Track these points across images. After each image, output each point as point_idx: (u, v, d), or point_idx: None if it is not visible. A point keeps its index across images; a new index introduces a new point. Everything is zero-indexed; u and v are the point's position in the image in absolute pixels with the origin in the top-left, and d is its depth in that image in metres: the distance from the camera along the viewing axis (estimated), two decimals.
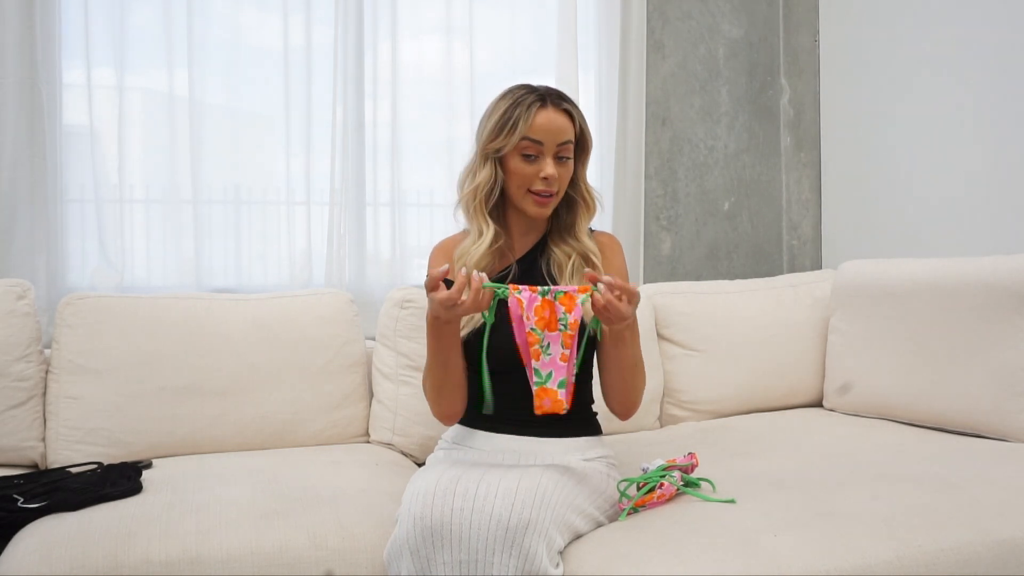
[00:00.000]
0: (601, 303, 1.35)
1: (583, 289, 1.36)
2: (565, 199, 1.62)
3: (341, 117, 2.34)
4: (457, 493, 1.27)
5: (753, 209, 2.87)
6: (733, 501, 1.44)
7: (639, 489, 1.48)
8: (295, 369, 1.98)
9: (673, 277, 2.75)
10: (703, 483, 1.53)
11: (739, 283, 2.46)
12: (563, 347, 1.35)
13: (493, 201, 1.58)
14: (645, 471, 1.52)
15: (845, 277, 2.30)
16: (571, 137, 1.56)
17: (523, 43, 2.58)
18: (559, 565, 1.29)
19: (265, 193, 2.36)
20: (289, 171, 2.35)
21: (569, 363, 1.35)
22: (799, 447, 1.89)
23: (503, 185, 1.58)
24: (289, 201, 2.37)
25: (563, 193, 1.60)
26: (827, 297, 2.37)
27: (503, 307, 1.38)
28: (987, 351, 1.89)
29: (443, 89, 2.47)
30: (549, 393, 1.35)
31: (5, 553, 1.36)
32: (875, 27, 2.62)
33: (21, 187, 2.07)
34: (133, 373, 1.87)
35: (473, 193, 1.57)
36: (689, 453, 1.58)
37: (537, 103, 1.54)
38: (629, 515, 1.43)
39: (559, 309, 1.34)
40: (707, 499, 1.46)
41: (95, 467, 1.71)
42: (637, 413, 2.14)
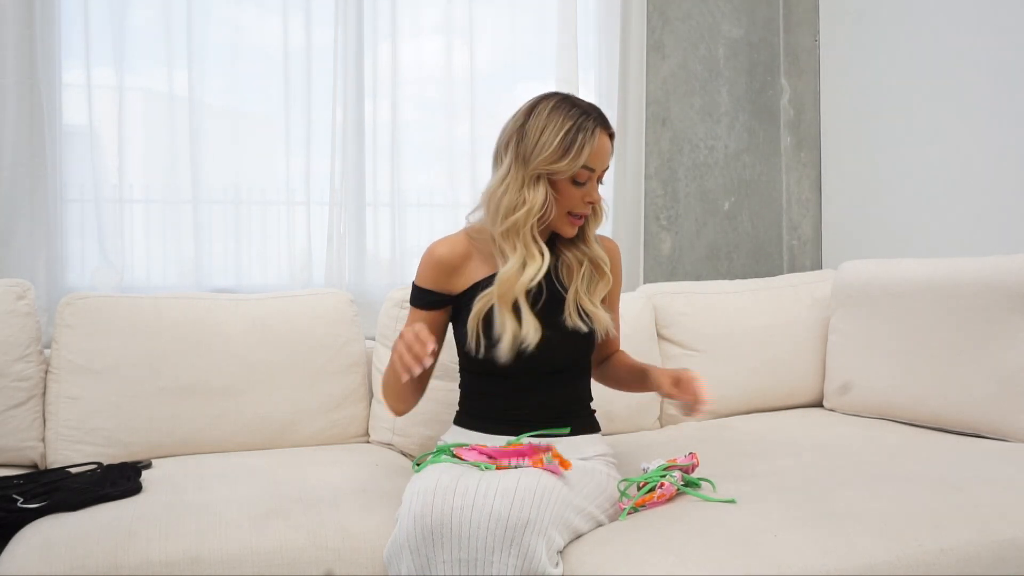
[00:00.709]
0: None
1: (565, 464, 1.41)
2: None
3: (341, 117, 2.34)
4: (457, 492, 1.27)
5: (753, 209, 2.87)
6: (733, 501, 1.44)
7: (639, 489, 1.48)
8: (295, 369, 1.98)
9: (673, 277, 2.75)
10: (703, 483, 1.53)
11: (739, 283, 2.46)
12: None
13: (544, 223, 1.53)
14: (645, 471, 1.53)
15: (845, 277, 2.30)
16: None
17: (523, 43, 2.58)
18: (559, 564, 1.29)
19: (265, 193, 2.36)
20: (289, 171, 2.35)
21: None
22: (799, 447, 1.89)
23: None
24: (289, 201, 2.37)
25: None
26: (827, 297, 2.37)
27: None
28: (987, 351, 1.89)
29: (443, 89, 2.47)
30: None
31: (5, 553, 1.36)
32: (875, 27, 2.62)
33: (21, 187, 2.07)
34: (133, 373, 1.86)
35: (527, 215, 1.49)
36: (690, 453, 1.58)
37: (598, 129, 1.51)
38: (629, 515, 1.43)
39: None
40: (707, 499, 1.46)
41: (95, 467, 1.71)
42: (636, 413, 2.16)
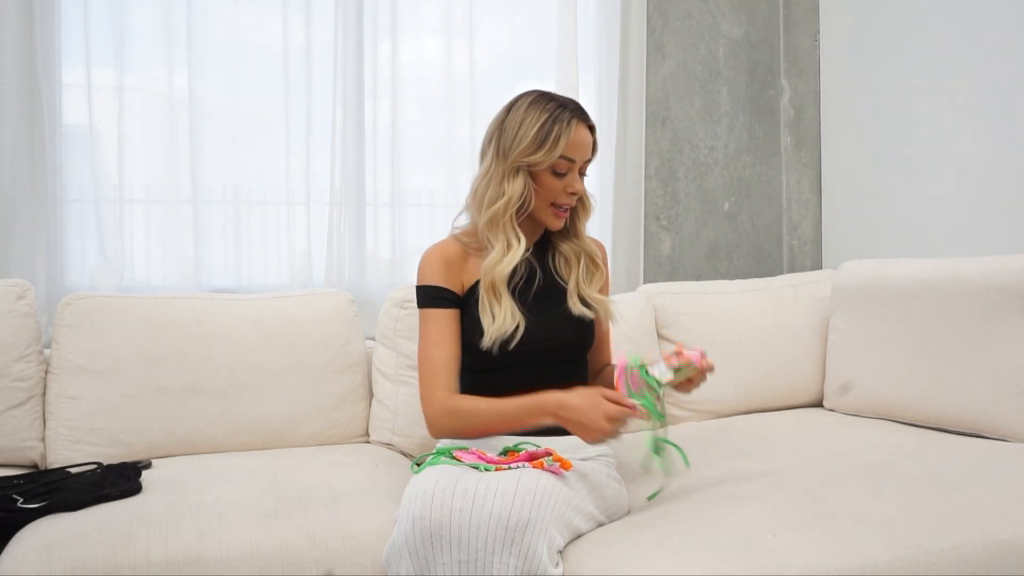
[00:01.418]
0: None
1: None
2: None
3: (341, 117, 2.34)
4: (456, 493, 1.27)
5: (753, 209, 2.87)
6: (687, 465, 1.48)
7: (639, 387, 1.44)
8: (295, 369, 1.98)
9: (673, 277, 2.75)
10: (675, 451, 1.47)
11: (739, 283, 2.46)
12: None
13: (524, 214, 1.60)
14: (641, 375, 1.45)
15: (845, 277, 2.30)
16: (591, 154, 1.62)
17: (523, 43, 2.58)
18: (559, 564, 1.29)
19: (265, 193, 2.36)
20: (289, 171, 2.35)
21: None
22: (799, 447, 1.89)
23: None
24: (289, 201, 2.37)
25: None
26: (827, 297, 2.37)
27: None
28: (987, 351, 1.89)
29: (443, 89, 2.47)
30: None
31: (5, 553, 1.36)
32: (875, 27, 2.62)
33: (21, 187, 2.07)
34: (133, 373, 1.86)
35: (505, 206, 1.57)
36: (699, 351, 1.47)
37: (574, 120, 1.56)
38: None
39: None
40: (662, 468, 1.47)
41: (95, 467, 1.71)
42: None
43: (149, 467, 1.75)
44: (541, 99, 1.58)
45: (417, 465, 1.45)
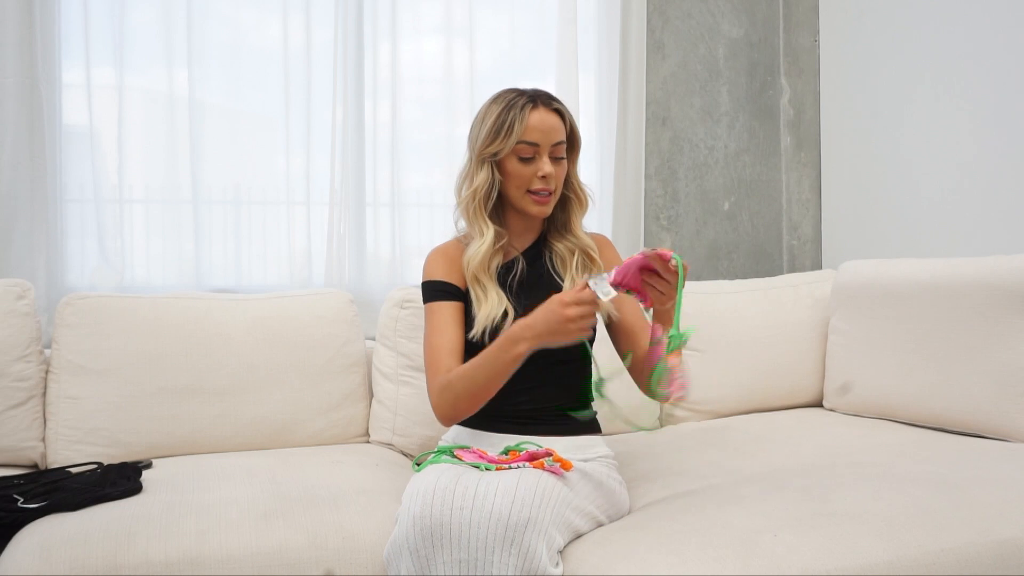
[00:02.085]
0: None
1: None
2: (560, 197, 1.66)
3: (341, 117, 2.34)
4: (457, 492, 1.27)
5: (753, 209, 2.88)
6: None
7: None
8: (295, 369, 1.98)
9: None
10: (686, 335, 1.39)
11: (739, 283, 2.46)
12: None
13: (492, 203, 1.62)
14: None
15: (845, 277, 2.30)
16: (563, 137, 1.61)
17: (523, 43, 2.58)
18: (559, 564, 1.29)
19: (265, 193, 2.36)
20: (289, 171, 2.35)
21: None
22: (799, 447, 1.89)
23: (502, 187, 1.62)
24: (289, 201, 2.37)
25: (560, 192, 1.64)
26: (827, 297, 2.37)
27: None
28: (987, 351, 1.89)
29: (443, 89, 2.47)
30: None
31: (5, 553, 1.36)
32: (875, 27, 2.62)
33: (21, 187, 2.07)
34: (133, 373, 1.87)
35: (472, 196, 1.61)
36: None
37: (529, 105, 1.57)
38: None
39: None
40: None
41: (95, 467, 1.71)
42: (636, 413, 2.15)
43: (149, 467, 1.75)
44: (504, 93, 1.62)
45: (418, 464, 1.46)
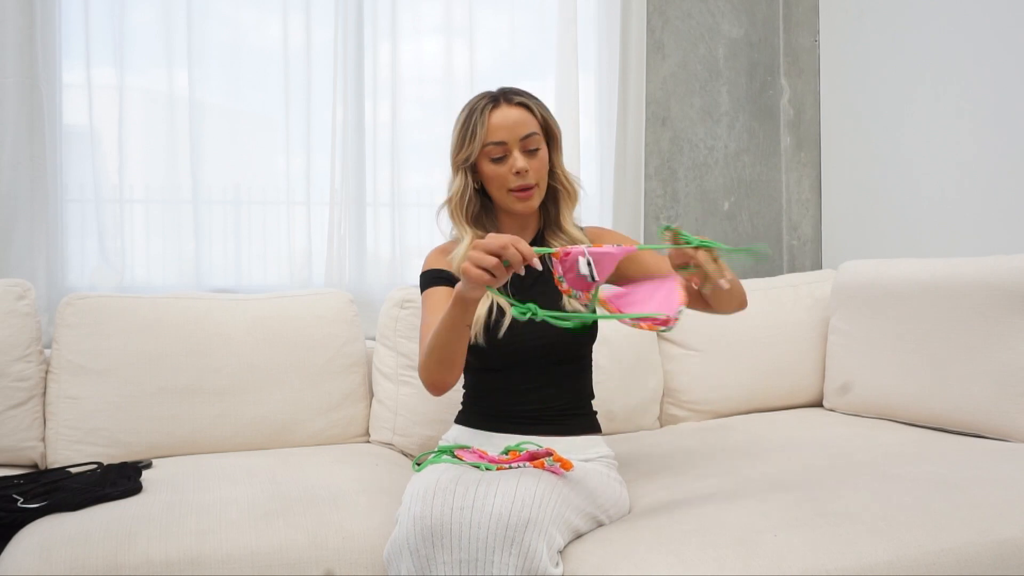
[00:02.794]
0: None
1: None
2: (549, 191, 1.66)
3: (341, 117, 2.34)
4: (457, 492, 1.27)
5: (753, 209, 2.87)
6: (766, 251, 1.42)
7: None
8: (295, 369, 1.98)
9: None
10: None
11: None
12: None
13: (473, 207, 1.64)
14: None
15: (845, 277, 2.30)
16: (534, 129, 1.59)
17: (523, 43, 2.58)
18: (559, 564, 1.29)
19: (265, 193, 2.36)
20: (289, 171, 2.35)
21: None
22: (799, 447, 1.89)
23: (487, 190, 1.63)
24: (289, 201, 2.37)
25: (544, 185, 1.63)
26: (827, 297, 2.37)
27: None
28: (987, 351, 1.89)
29: (443, 89, 2.47)
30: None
31: (5, 553, 1.36)
32: (875, 27, 2.62)
33: (21, 187, 2.07)
34: (133, 373, 1.87)
35: (449, 203, 1.64)
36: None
37: (489, 105, 1.58)
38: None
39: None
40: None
41: (95, 467, 1.71)
42: (636, 413, 2.15)
43: (149, 467, 1.75)
44: (473, 98, 1.62)
45: (418, 464, 1.46)
